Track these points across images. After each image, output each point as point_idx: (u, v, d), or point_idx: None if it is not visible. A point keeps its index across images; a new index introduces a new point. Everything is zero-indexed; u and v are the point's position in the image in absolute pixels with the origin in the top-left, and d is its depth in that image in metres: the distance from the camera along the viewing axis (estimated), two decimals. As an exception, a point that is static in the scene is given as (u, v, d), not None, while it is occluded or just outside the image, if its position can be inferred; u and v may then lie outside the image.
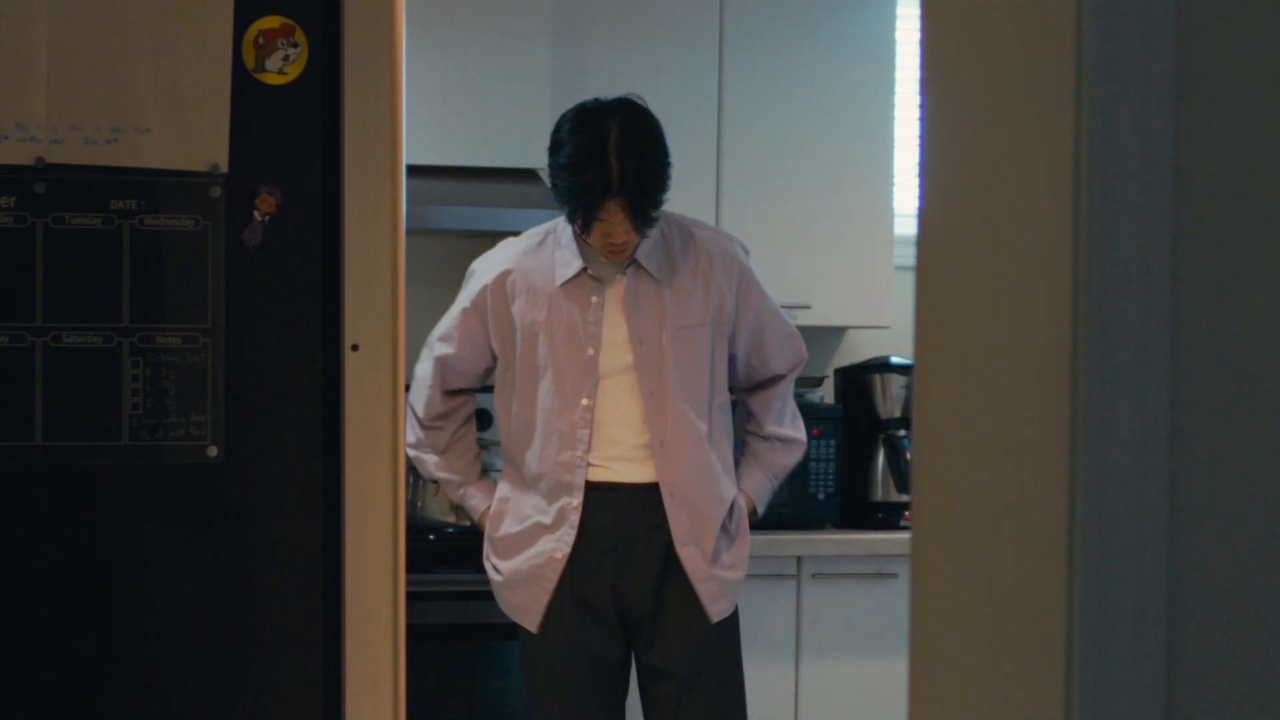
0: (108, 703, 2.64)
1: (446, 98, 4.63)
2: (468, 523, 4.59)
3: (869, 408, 5.08)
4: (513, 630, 3.88)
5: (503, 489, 3.75)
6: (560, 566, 3.63)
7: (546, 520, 3.65)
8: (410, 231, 2.81)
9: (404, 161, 2.67)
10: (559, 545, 3.64)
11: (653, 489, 3.64)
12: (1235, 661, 1.47)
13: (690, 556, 3.63)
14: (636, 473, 3.65)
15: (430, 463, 3.88)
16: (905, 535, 4.72)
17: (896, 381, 5.07)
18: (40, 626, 2.62)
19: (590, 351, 3.64)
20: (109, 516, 2.64)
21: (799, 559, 4.74)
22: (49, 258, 2.61)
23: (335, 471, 2.65)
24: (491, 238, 5.03)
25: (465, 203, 4.63)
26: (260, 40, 2.65)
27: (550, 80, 4.69)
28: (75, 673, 2.63)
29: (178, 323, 2.64)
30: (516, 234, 4.79)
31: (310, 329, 2.66)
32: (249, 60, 2.65)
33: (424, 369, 3.89)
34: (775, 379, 3.84)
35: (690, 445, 3.64)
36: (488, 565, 3.75)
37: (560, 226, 3.74)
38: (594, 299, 3.66)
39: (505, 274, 3.73)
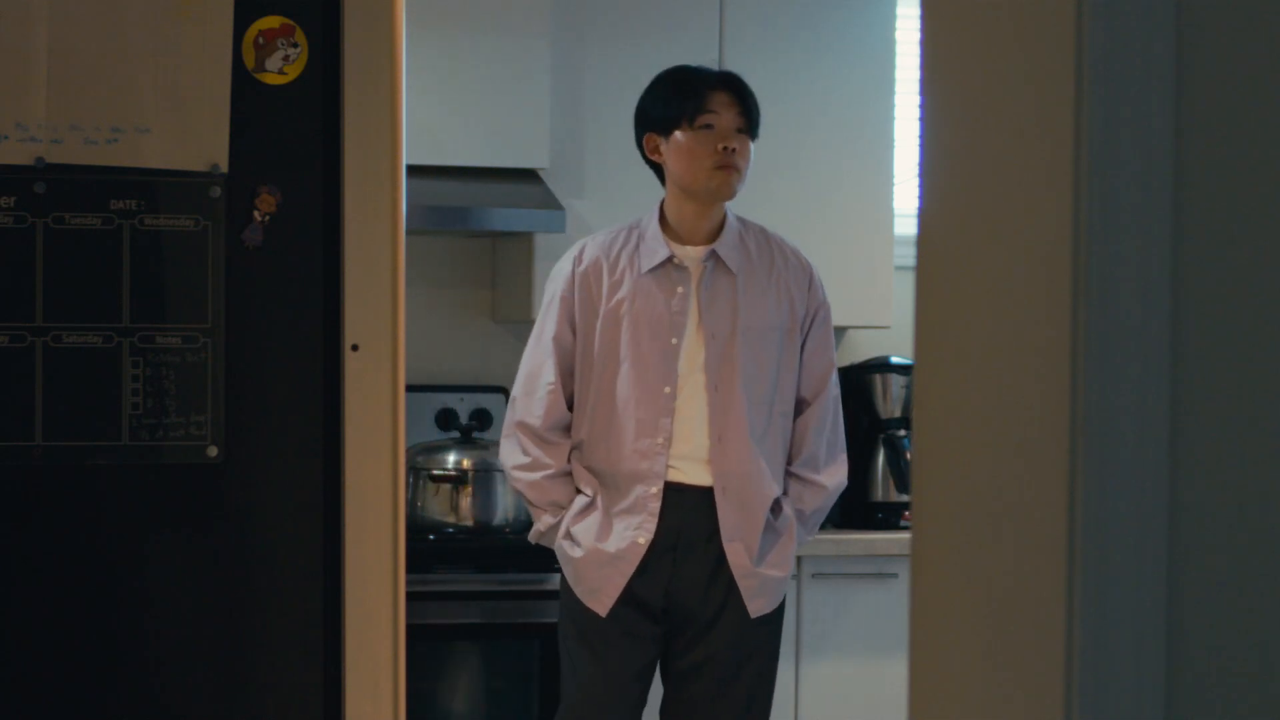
0: (108, 703, 2.64)
1: (446, 98, 4.63)
2: (469, 522, 4.59)
3: (869, 408, 5.08)
4: (512, 631, 3.89)
5: (582, 479, 3.72)
6: (641, 553, 3.63)
7: (624, 507, 3.65)
8: (410, 231, 2.80)
9: (404, 161, 2.67)
10: (641, 531, 3.64)
11: (713, 493, 3.67)
12: (1235, 661, 1.47)
13: (735, 552, 3.65)
14: (702, 474, 3.67)
15: (550, 490, 3.73)
16: (905, 535, 4.72)
17: (896, 381, 5.07)
18: (40, 626, 2.62)
19: (674, 340, 3.66)
20: (109, 516, 2.64)
21: (799, 559, 4.74)
22: (49, 258, 2.61)
23: (335, 471, 2.65)
24: (491, 238, 5.03)
25: (465, 203, 4.63)
26: (260, 40, 2.65)
27: (550, 80, 4.69)
28: (75, 673, 2.63)
29: (178, 323, 2.64)
30: (517, 234, 4.80)
31: (310, 329, 2.66)
32: (249, 60, 2.65)
33: (535, 363, 3.75)
34: (802, 403, 3.80)
35: (745, 443, 3.66)
36: (564, 544, 3.70)
37: (644, 220, 3.75)
38: (680, 289, 3.67)
39: (593, 262, 3.72)
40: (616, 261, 3.71)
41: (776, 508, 3.72)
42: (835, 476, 3.79)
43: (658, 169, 3.78)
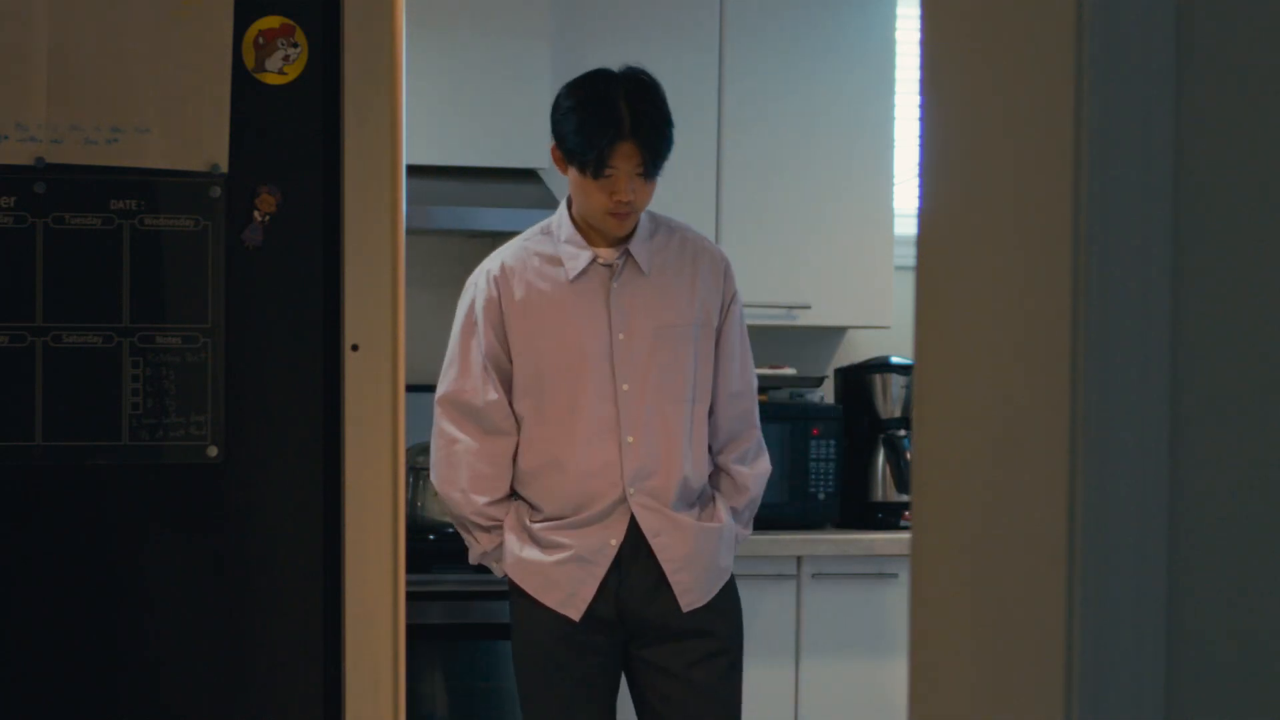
0: (108, 703, 2.64)
1: (446, 98, 4.63)
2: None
3: (869, 408, 5.08)
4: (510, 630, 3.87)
5: (533, 476, 3.69)
6: (612, 555, 3.63)
7: (594, 512, 3.64)
8: (410, 231, 2.80)
9: (404, 161, 2.67)
10: (612, 533, 3.63)
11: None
12: (1235, 661, 1.47)
13: (666, 546, 3.64)
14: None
15: (487, 541, 3.71)
16: (905, 535, 4.73)
17: (896, 381, 5.08)
18: (40, 626, 2.62)
19: (621, 336, 3.64)
20: (109, 516, 2.64)
21: (799, 559, 4.74)
22: (49, 258, 2.61)
23: (335, 471, 2.65)
24: (491, 238, 5.03)
25: (465, 203, 4.63)
26: (260, 40, 2.65)
27: (550, 80, 4.69)
28: (75, 673, 2.63)
29: (178, 323, 2.64)
30: (516, 234, 4.80)
31: (310, 329, 2.66)
32: (249, 60, 2.65)
33: (446, 435, 3.70)
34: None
35: (657, 441, 3.65)
36: (520, 549, 3.66)
37: (556, 223, 3.73)
38: (614, 284, 3.66)
39: (508, 273, 3.70)
40: (539, 270, 3.68)
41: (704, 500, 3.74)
42: (760, 471, 3.82)
43: None
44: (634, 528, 3.64)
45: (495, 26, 4.67)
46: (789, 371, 5.10)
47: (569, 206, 3.73)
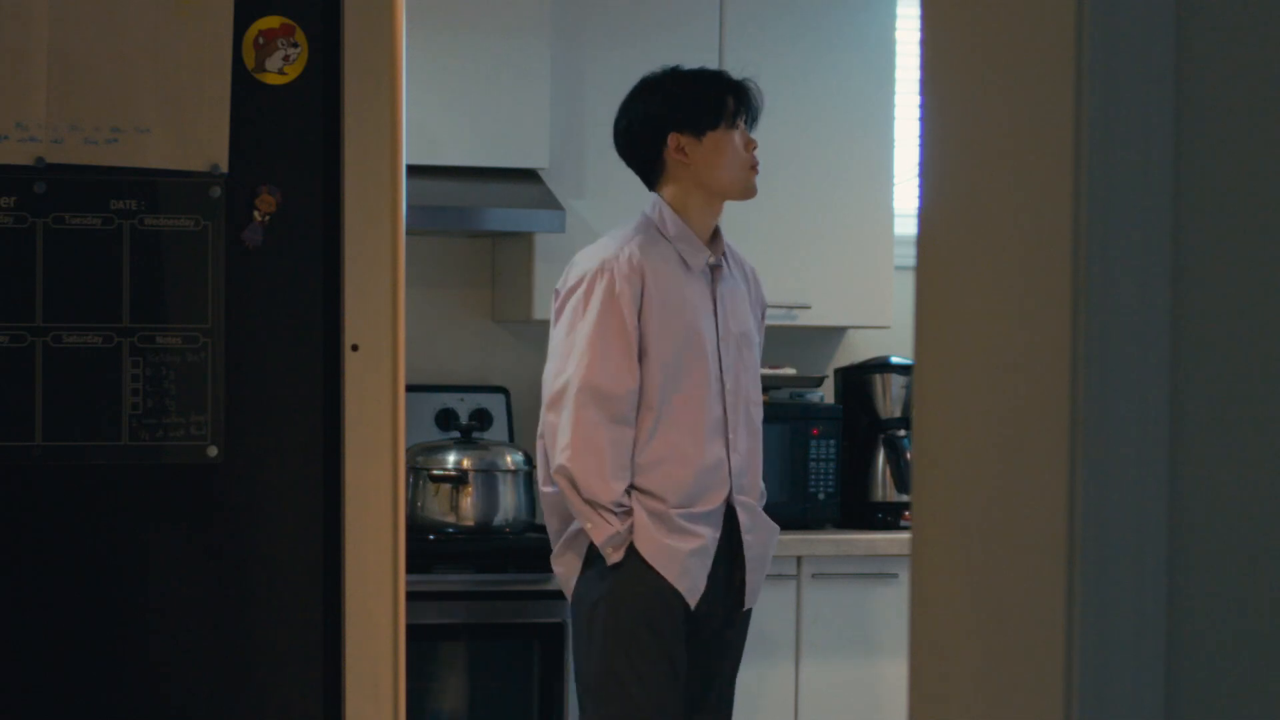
0: (107, 703, 2.64)
1: (446, 98, 4.63)
2: (469, 522, 4.59)
3: (869, 408, 5.08)
4: (512, 631, 3.89)
5: (655, 466, 3.70)
6: (715, 549, 3.70)
7: (707, 509, 3.71)
8: (410, 231, 2.80)
9: (404, 161, 2.67)
10: (718, 528, 3.72)
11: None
12: (1235, 661, 1.47)
13: (751, 545, 3.74)
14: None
15: (620, 525, 3.66)
16: (905, 535, 4.73)
17: (896, 381, 5.07)
18: (40, 626, 2.62)
19: (722, 337, 3.74)
20: (109, 516, 2.64)
21: (799, 559, 4.74)
22: (49, 258, 2.61)
23: (335, 471, 2.65)
24: (491, 238, 5.03)
25: (465, 203, 4.63)
26: (260, 40, 2.65)
27: (550, 80, 4.69)
28: (74, 672, 2.63)
29: (178, 323, 2.64)
30: (517, 234, 4.80)
31: (310, 329, 2.66)
32: (249, 60, 2.65)
33: (589, 422, 3.64)
34: None
35: (747, 441, 3.78)
36: (660, 534, 3.66)
37: (660, 221, 3.73)
38: (719, 285, 3.75)
39: (643, 262, 3.68)
40: (659, 262, 3.70)
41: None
42: None
43: (650, 171, 3.77)
44: (730, 524, 3.71)
45: (495, 26, 4.67)
46: (789, 371, 5.10)
47: (669, 206, 3.74)
